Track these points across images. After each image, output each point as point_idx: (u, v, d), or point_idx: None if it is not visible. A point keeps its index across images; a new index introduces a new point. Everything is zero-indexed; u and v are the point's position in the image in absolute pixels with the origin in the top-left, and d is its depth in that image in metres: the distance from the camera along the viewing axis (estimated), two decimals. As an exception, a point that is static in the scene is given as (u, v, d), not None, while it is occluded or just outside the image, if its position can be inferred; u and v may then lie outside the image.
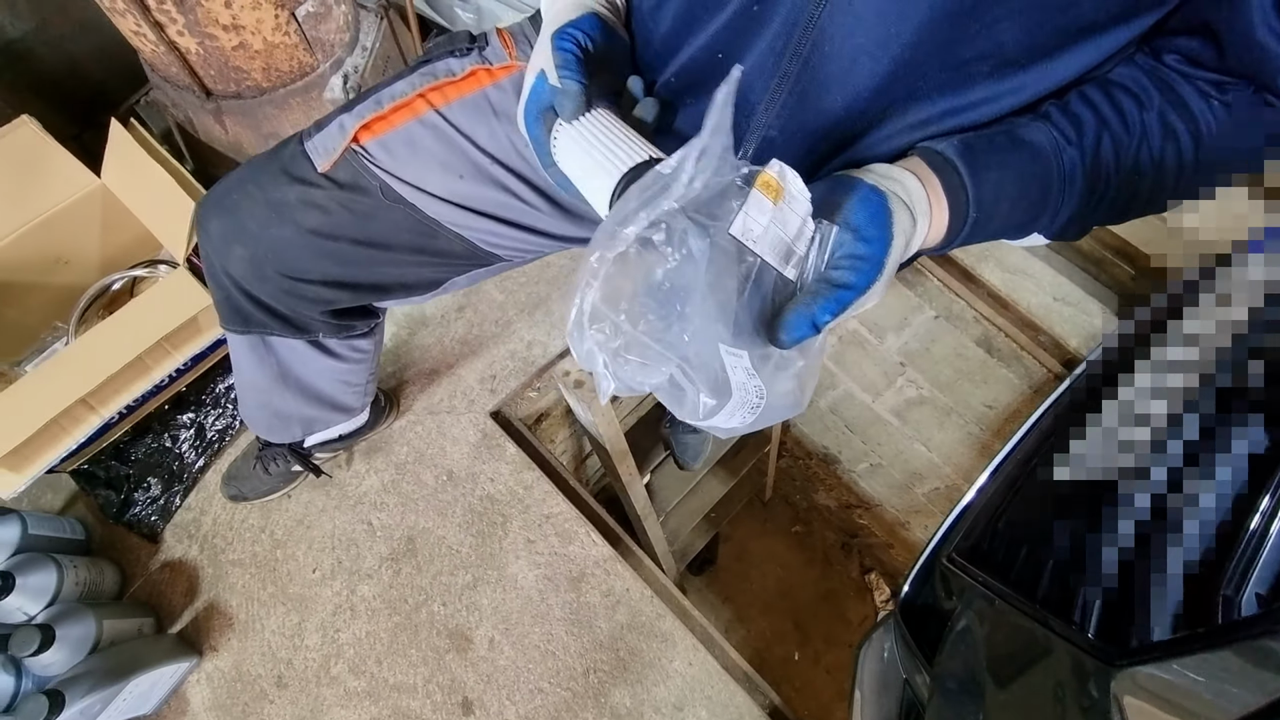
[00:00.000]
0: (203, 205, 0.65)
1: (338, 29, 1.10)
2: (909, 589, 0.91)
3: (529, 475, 1.15)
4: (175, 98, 1.08)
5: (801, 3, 0.39)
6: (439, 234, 0.64)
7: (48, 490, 1.10)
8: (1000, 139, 0.42)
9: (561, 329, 1.28)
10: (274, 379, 0.80)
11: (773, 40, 0.41)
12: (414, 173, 0.60)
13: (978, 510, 0.90)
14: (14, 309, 1.09)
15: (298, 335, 0.72)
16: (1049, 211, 0.43)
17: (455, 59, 0.60)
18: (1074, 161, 0.41)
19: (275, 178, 0.61)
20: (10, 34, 1.21)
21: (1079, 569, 0.64)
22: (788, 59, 0.41)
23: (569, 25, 0.43)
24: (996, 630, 0.69)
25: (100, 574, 0.99)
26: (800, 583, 2.75)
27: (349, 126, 0.60)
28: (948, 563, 0.85)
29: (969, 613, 0.76)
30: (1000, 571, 0.76)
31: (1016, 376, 1.42)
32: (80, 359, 0.91)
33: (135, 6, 0.90)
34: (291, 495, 1.11)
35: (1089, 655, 0.57)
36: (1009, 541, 0.79)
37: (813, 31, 0.39)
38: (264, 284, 0.65)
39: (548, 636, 1.05)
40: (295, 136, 0.63)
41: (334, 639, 1.03)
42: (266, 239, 0.62)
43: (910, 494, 2.12)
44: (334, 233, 0.61)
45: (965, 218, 0.40)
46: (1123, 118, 0.42)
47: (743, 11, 0.41)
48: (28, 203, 1.02)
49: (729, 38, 0.43)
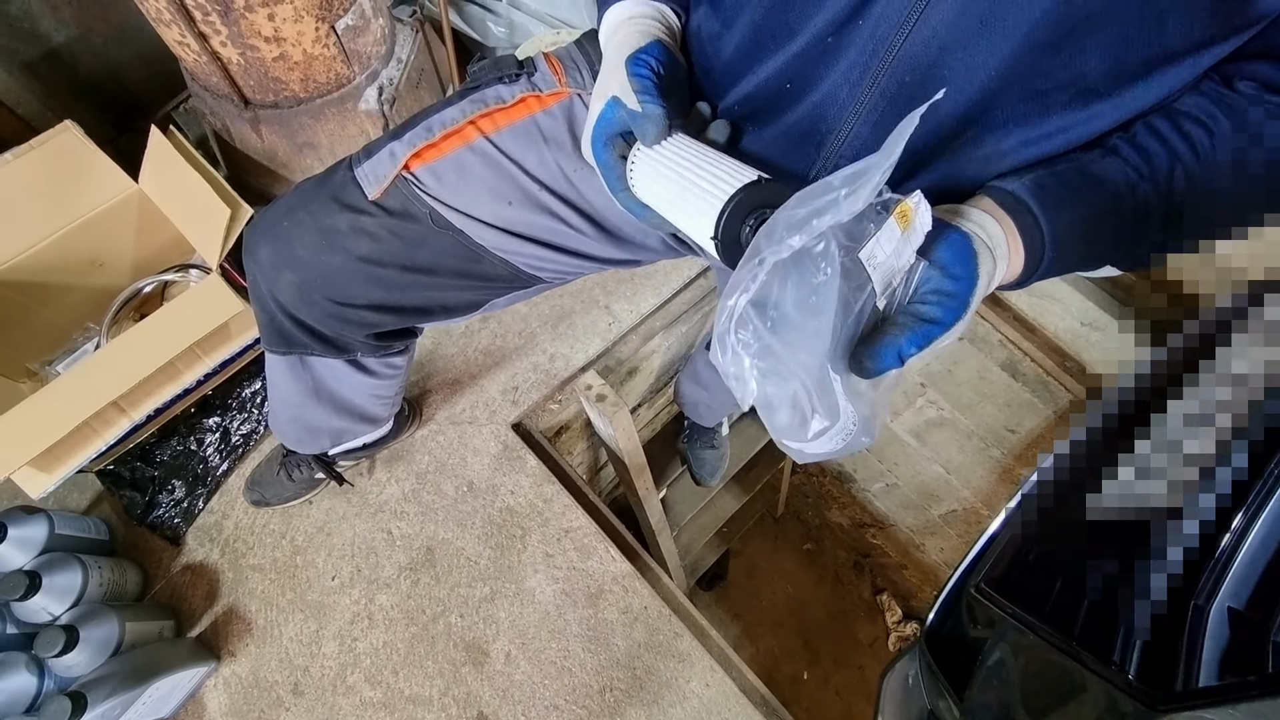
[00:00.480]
0: (252, 231, 0.65)
1: (374, 42, 1.11)
2: (934, 617, 0.89)
3: (549, 488, 1.15)
4: (214, 106, 1.10)
5: (883, 34, 0.39)
6: (484, 259, 0.64)
7: (74, 490, 1.11)
8: (1072, 177, 0.41)
9: (584, 342, 1.28)
10: (308, 394, 0.80)
11: (848, 70, 0.41)
12: (463, 199, 0.60)
13: (1006, 540, 0.89)
14: (48, 309, 1.11)
15: (338, 355, 0.73)
16: (1124, 246, 0.43)
17: (504, 85, 0.60)
18: (1147, 196, 0.41)
19: (326, 205, 0.61)
20: (55, 40, 1.24)
21: (1119, 605, 0.63)
22: (865, 89, 0.41)
23: (641, 52, 0.43)
24: (1032, 665, 0.68)
25: (123, 575, 1.00)
26: (810, 601, 2.73)
27: (400, 154, 0.59)
28: (976, 593, 0.84)
29: (1002, 645, 0.74)
30: (1034, 604, 0.74)
31: (1041, 401, 1.41)
32: (113, 361, 0.92)
33: (181, 17, 0.92)
34: (313, 502, 1.12)
35: (1130, 697, 0.56)
36: (1042, 573, 0.77)
37: (893, 62, 0.39)
38: (311, 309, 0.65)
39: (564, 653, 1.04)
40: (344, 162, 0.63)
41: (351, 648, 1.02)
42: (316, 266, 0.62)
43: (926, 515, 2.10)
44: (383, 259, 0.61)
45: (1041, 258, 0.40)
46: (1193, 148, 0.41)
47: (816, 42, 0.41)
48: (67, 206, 1.04)
49: (800, 67, 0.43)
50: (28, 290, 1.07)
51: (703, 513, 2.13)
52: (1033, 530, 0.86)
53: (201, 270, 1.20)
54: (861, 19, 0.39)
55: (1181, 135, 0.42)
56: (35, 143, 1.01)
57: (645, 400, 1.64)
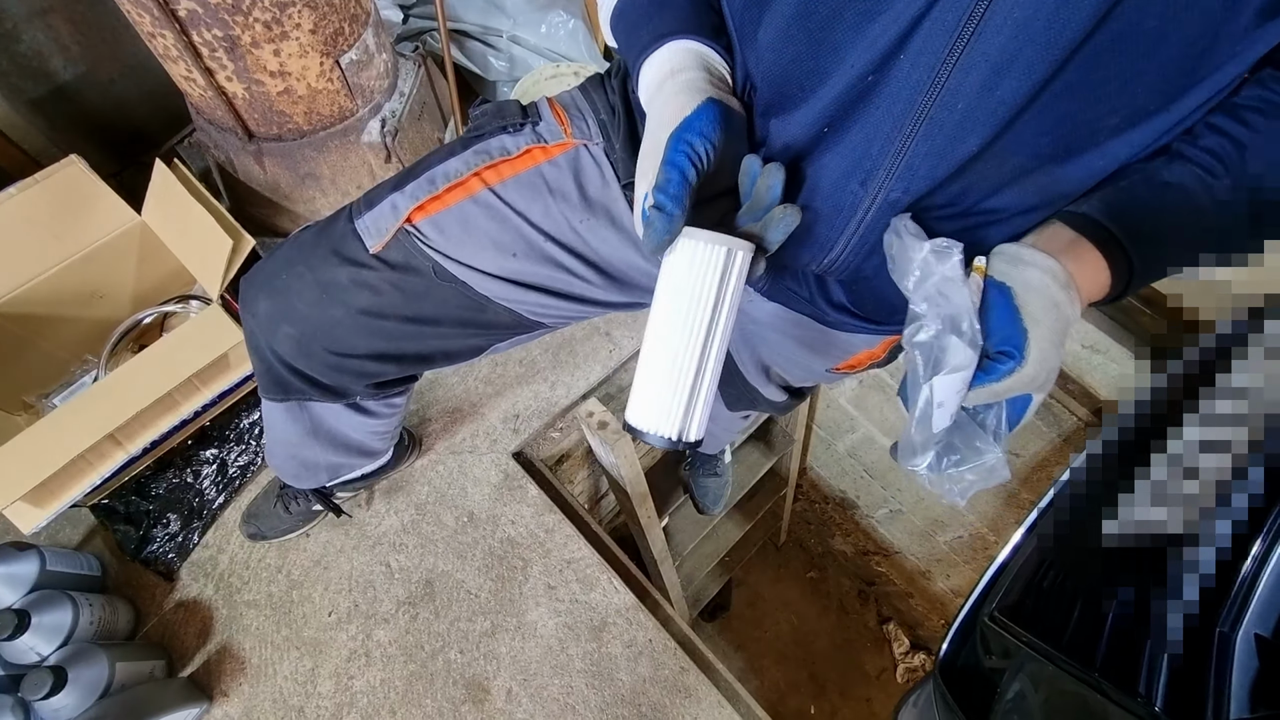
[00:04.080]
0: (250, 284, 0.64)
1: (378, 76, 1.13)
2: (948, 648, 0.87)
3: (551, 518, 1.13)
4: (218, 139, 1.11)
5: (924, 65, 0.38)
6: (488, 308, 0.63)
7: (66, 524, 1.09)
8: (1140, 188, 0.42)
9: (585, 370, 1.27)
10: (305, 434, 0.79)
11: (890, 105, 0.41)
12: (467, 252, 0.59)
13: (1018, 567, 0.87)
14: (47, 341, 1.10)
15: (336, 400, 0.72)
16: (1216, 239, 0.43)
17: (509, 136, 0.59)
18: (1227, 190, 0.41)
19: (325, 259, 0.60)
20: (63, 77, 1.26)
21: (1141, 634, 0.61)
22: (911, 124, 0.40)
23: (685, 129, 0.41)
24: (1053, 698, 0.66)
25: (115, 612, 0.97)
26: (815, 631, 2.67)
27: (402, 207, 0.58)
28: (990, 621, 0.82)
29: (1021, 676, 0.72)
30: (1051, 632, 0.73)
31: (1045, 424, 1.40)
32: (111, 393, 0.91)
33: (188, 53, 0.93)
34: (310, 534, 1.09)
35: (1158, 730, 0.54)
36: (1058, 600, 0.76)
37: (939, 92, 0.39)
38: (310, 360, 0.63)
39: (568, 689, 1.01)
40: (344, 212, 0.62)
41: (347, 686, 0.99)
42: (316, 319, 0.60)
43: (931, 542, 2.07)
44: (384, 312, 0.60)
45: (1130, 265, 0.41)
46: (1257, 132, 0.41)
47: (854, 83, 0.41)
48: (69, 238, 1.04)
49: (836, 111, 0.43)
50: (27, 322, 1.07)
51: (705, 542, 2.10)
52: (1049, 556, 0.84)
53: (201, 301, 1.20)
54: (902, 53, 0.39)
55: (1243, 123, 0.42)
56: (40, 176, 1.01)
57: (646, 427, 1.62)
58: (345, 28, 1.01)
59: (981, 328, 0.39)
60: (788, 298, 0.62)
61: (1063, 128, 0.40)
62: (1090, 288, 0.40)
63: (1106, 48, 0.36)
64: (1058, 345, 0.39)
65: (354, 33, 1.04)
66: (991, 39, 0.36)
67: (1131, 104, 0.39)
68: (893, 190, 0.44)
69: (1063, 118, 0.39)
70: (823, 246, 0.50)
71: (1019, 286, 0.38)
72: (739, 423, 1.38)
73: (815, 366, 0.78)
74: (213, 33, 0.91)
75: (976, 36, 0.36)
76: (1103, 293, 0.41)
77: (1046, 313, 0.38)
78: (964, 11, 0.36)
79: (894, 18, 0.37)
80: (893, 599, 2.59)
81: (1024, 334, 0.37)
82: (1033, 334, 0.37)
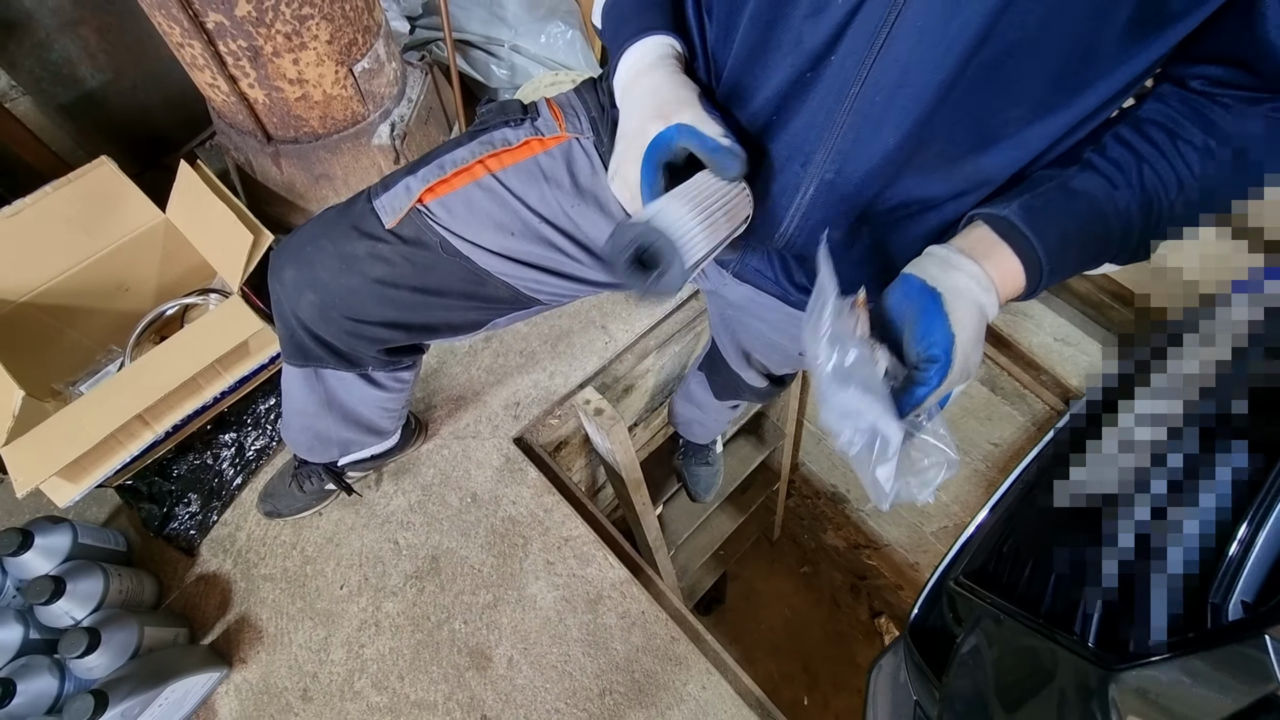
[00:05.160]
0: (278, 255, 0.71)
1: (388, 83, 1.21)
2: (918, 612, 0.94)
3: (549, 499, 1.20)
4: (238, 141, 1.19)
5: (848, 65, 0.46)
6: (488, 282, 0.70)
7: (93, 504, 1.15)
8: (1055, 194, 0.48)
9: (582, 360, 1.34)
10: (321, 405, 0.86)
11: (824, 98, 0.48)
12: (471, 230, 0.66)
13: (983, 535, 0.94)
14: (76, 331, 1.17)
15: (350, 369, 0.78)
16: (1114, 246, 0.49)
17: (510, 129, 0.67)
18: (1127, 200, 0.47)
19: (346, 233, 0.67)
20: (90, 84, 1.33)
21: (1080, 583, 0.68)
22: (841, 114, 0.48)
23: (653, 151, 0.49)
24: (1003, 648, 0.72)
25: (140, 584, 1.03)
26: (809, 624, 2.73)
27: (415, 189, 0.66)
28: (955, 585, 0.89)
29: (977, 632, 0.79)
30: (1006, 591, 0.80)
31: (1020, 414, 1.47)
32: (141, 377, 0.98)
33: (214, 62, 1.01)
34: (323, 513, 1.16)
35: (1089, 662, 0.61)
36: (1013, 562, 0.82)
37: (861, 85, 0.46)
38: (329, 325, 0.70)
39: (565, 657, 1.07)
40: (364, 194, 0.69)
41: (359, 654, 1.06)
42: (336, 287, 0.67)
43: (919, 533, 2.13)
44: (396, 282, 0.67)
45: (1040, 270, 0.47)
46: (1158, 149, 0.48)
47: (795, 78, 0.48)
48: (100, 234, 1.12)
49: (780, 102, 0.50)
50: (58, 313, 1.14)
51: (699, 533, 2.17)
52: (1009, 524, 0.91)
53: (220, 294, 1.27)
54: (833, 54, 0.46)
55: (1147, 139, 0.48)
56: (73, 176, 1.09)
57: (641, 420, 1.69)
58: (359, 38, 1.09)
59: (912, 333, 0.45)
60: (756, 279, 0.69)
61: (975, 120, 0.47)
62: (1007, 289, 0.47)
63: (1000, 52, 0.43)
64: (978, 344, 0.45)
65: (366, 43, 1.11)
66: (901, 43, 0.43)
67: (1032, 100, 0.46)
68: (828, 171, 0.51)
69: (973, 112, 0.46)
70: (775, 222, 0.57)
71: (948, 293, 0.44)
72: (728, 413, 1.45)
73: (790, 350, 0.85)
74: (238, 43, 0.98)
75: (890, 41, 0.44)
76: (1017, 292, 0.48)
77: (971, 316, 0.44)
78: (880, 19, 0.43)
79: (826, 23, 0.45)
80: (884, 592, 2.65)
81: (951, 339, 0.43)
82: (959, 338, 0.43)
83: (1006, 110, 0.46)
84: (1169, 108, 0.49)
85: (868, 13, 0.43)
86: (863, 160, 0.50)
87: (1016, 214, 0.47)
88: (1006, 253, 0.47)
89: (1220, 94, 0.48)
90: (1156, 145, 0.48)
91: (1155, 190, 0.48)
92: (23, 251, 1.07)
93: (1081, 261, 0.50)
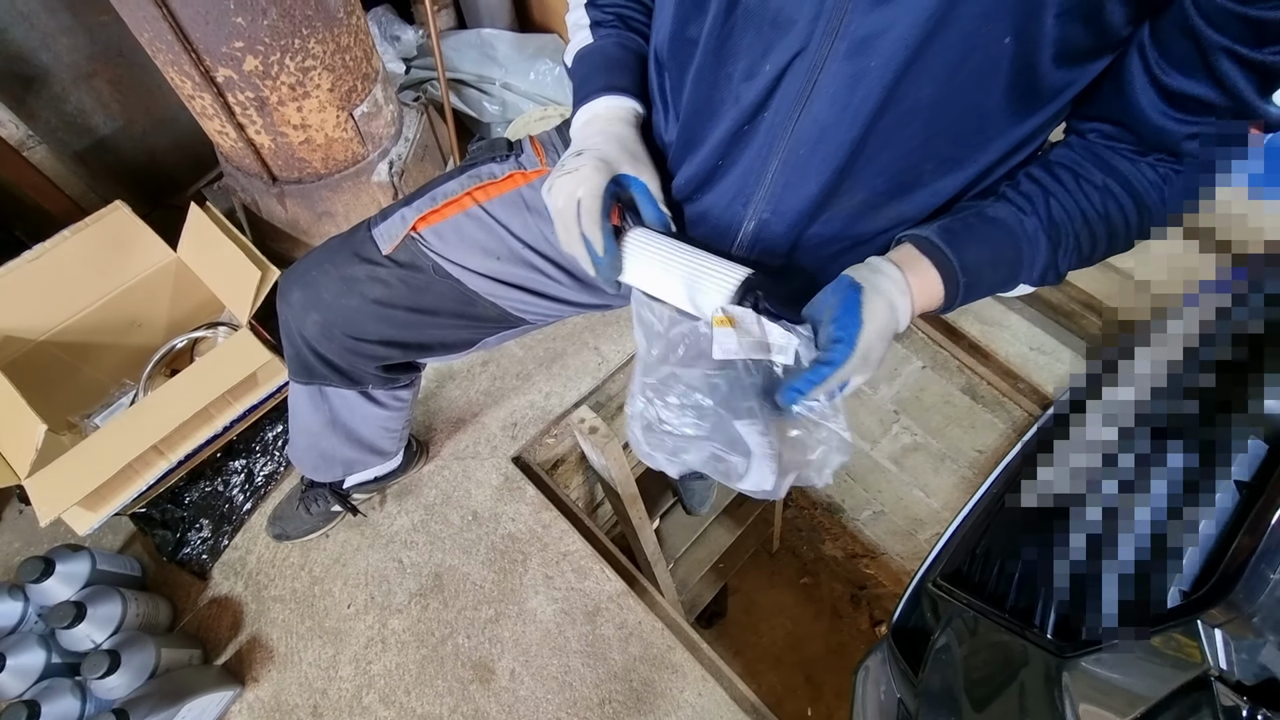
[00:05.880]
0: (286, 279, 0.77)
1: (386, 124, 1.28)
2: (900, 613, 0.98)
3: (547, 515, 1.24)
4: (244, 183, 1.25)
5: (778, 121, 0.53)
6: (477, 302, 0.76)
7: (108, 532, 1.20)
8: (972, 220, 0.55)
9: (576, 381, 1.40)
10: (325, 424, 0.91)
11: (759, 149, 0.55)
12: (460, 254, 0.73)
13: (960, 538, 0.99)
14: (91, 366, 1.23)
15: (351, 386, 0.84)
16: (1024, 267, 0.55)
17: (496, 164, 0.74)
18: (1035, 227, 0.54)
19: (348, 259, 0.74)
20: (103, 132, 1.40)
21: (1041, 579, 0.73)
22: (774, 163, 0.55)
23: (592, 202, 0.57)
24: (973, 644, 0.77)
25: (155, 608, 1.08)
26: (810, 636, 2.75)
27: (409, 218, 0.73)
28: (934, 586, 0.93)
29: (949, 630, 0.83)
30: (977, 590, 0.84)
31: (1001, 421, 1.52)
32: (156, 409, 1.03)
33: (223, 112, 1.07)
34: (329, 535, 1.21)
35: (1048, 652, 0.65)
36: (985, 563, 0.87)
37: (788, 140, 0.53)
38: (331, 343, 0.77)
39: (565, 668, 1.11)
40: (364, 224, 0.76)
41: (366, 670, 1.10)
42: (338, 307, 0.74)
43: (913, 540, 2.17)
44: (393, 302, 0.74)
45: (958, 284, 0.53)
46: (1063, 186, 0.54)
47: (735, 131, 0.56)
48: (114, 274, 1.18)
49: (725, 150, 0.58)
50: (74, 350, 1.20)
51: (697, 546, 2.20)
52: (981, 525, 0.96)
53: (228, 328, 1.33)
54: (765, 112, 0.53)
55: (1054, 177, 0.55)
56: (90, 220, 1.15)
57: (636, 436, 1.74)
58: (358, 85, 1.16)
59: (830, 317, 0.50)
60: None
61: (891, 172, 0.53)
62: (925, 297, 0.53)
63: (901, 115, 0.49)
64: (884, 339, 0.51)
65: (365, 89, 1.18)
66: (817, 105, 0.50)
67: (938, 157, 0.53)
68: (765, 211, 0.58)
69: (888, 165, 0.53)
70: (726, 249, 0.64)
71: (869, 289, 0.51)
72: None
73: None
74: (245, 94, 1.05)
75: (810, 101, 0.50)
76: (935, 301, 0.54)
77: (881, 311, 0.50)
78: (802, 83, 0.50)
79: (758, 86, 0.52)
80: (883, 601, 2.67)
81: (860, 325, 0.49)
82: (866, 327, 0.49)
83: (918, 165, 0.53)
84: (1074, 153, 0.56)
85: (790, 79, 0.50)
86: (793, 202, 0.57)
87: (936, 234, 0.54)
88: (927, 265, 0.53)
89: (1116, 146, 0.54)
90: (1062, 183, 0.55)
91: (1061, 220, 0.54)
92: (42, 293, 1.13)
93: (995, 279, 0.56)
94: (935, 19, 0.44)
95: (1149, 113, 0.50)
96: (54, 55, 1.28)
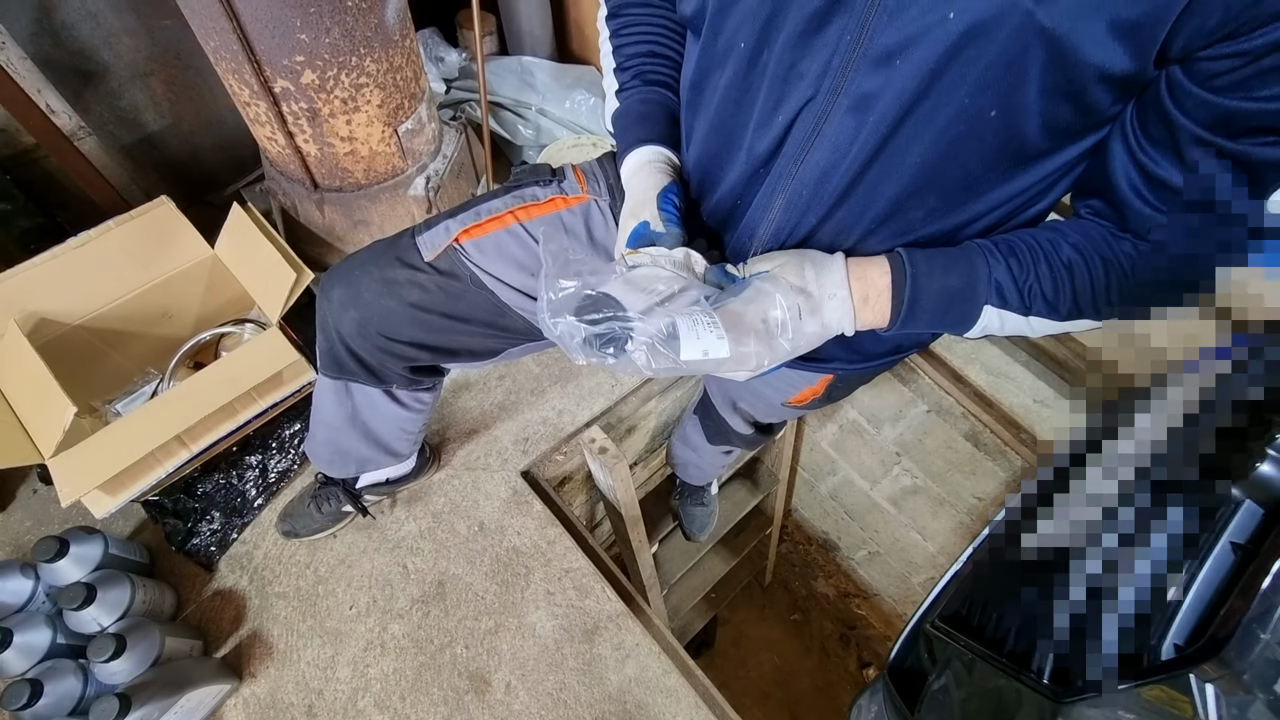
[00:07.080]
0: (329, 277, 0.81)
1: (427, 140, 1.33)
2: (897, 652, 1.00)
3: (552, 531, 1.26)
4: (286, 187, 1.30)
5: (784, 165, 0.59)
6: (508, 314, 0.80)
7: (119, 518, 1.21)
8: (940, 244, 0.60)
9: (589, 400, 1.42)
10: (346, 419, 0.94)
11: (769, 188, 0.61)
12: (497, 268, 0.77)
13: (959, 582, 1.01)
14: (119, 353, 1.26)
15: (377, 384, 0.88)
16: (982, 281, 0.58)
17: (540, 187, 0.79)
18: (1005, 273, 0.58)
19: (391, 262, 0.78)
20: (152, 128, 1.46)
21: (1039, 626, 0.75)
22: (778, 200, 0.61)
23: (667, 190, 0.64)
24: (970, 687, 0.78)
25: (161, 596, 1.09)
26: (798, 673, 2.73)
27: (453, 229, 0.77)
28: (932, 627, 0.95)
29: (947, 672, 0.85)
30: (976, 634, 0.86)
31: (1001, 470, 1.55)
32: (183, 398, 1.06)
33: (276, 120, 1.12)
34: (337, 535, 1.22)
35: (1043, 696, 0.67)
36: (984, 608, 0.89)
37: (793, 181, 0.59)
38: (364, 341, 0.80)
39: (561, 685, 1.12)
40: (408, 231, 0.80)
41: (363, 673, 1.10)
42: (376, 307, 0.78)
43: (907, 584, 2.17)
44: (429, 307, 0.78)
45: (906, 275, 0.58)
46: (1033, 231, 0.59)
47: (751, 174, 0.61)
48: (153, 266, 1.21)
49: (741, 191, 0.63)
50: (106, 336, 1.23)
51: (692, 573, 2.20)
52: (983, 571, 0.98)
53: (256, 325, 1.36)
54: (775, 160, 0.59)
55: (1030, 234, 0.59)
56: (135, 213, 1.19)
57: (641, 460, 1.76)
58: (405, 103, 1.21)
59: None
60: None
61: (884, 217, 0.58)
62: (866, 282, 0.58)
63: (893, 167, 0.54)
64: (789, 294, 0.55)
65: (411, 107, 1.24)
66: (819, 152, 0.56)
67: (926, 206, 0.57)
68: (773, 244, 0.64)
69: (880, 211, 0.58)
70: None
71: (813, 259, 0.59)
72: (722, 458, 1.53)
73: (772, 400, 0.93)
74: (299, 105, 1.10)
75: (812, 149, 0.56)
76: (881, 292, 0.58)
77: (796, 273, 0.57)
78: (808, 131, 0.55)
79: (770, 136, 0.58)
80: (873, 643, 2.66)
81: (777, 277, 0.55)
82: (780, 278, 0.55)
83: (909, 212, 0.58)
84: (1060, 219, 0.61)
85: (798, 128, 0.56)
86: (796, 236, 0.62)
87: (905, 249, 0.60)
88: (879, 260, 0.59)
89: (1100, 223, 0.58)
90: (1036, 239, 0.59)
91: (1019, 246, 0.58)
92: (83, 279, 1.17)
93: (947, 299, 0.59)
94: (925, 84, 0.48)
95: (1127, 193, 0.53)
96: (115, 54, 1.34)
